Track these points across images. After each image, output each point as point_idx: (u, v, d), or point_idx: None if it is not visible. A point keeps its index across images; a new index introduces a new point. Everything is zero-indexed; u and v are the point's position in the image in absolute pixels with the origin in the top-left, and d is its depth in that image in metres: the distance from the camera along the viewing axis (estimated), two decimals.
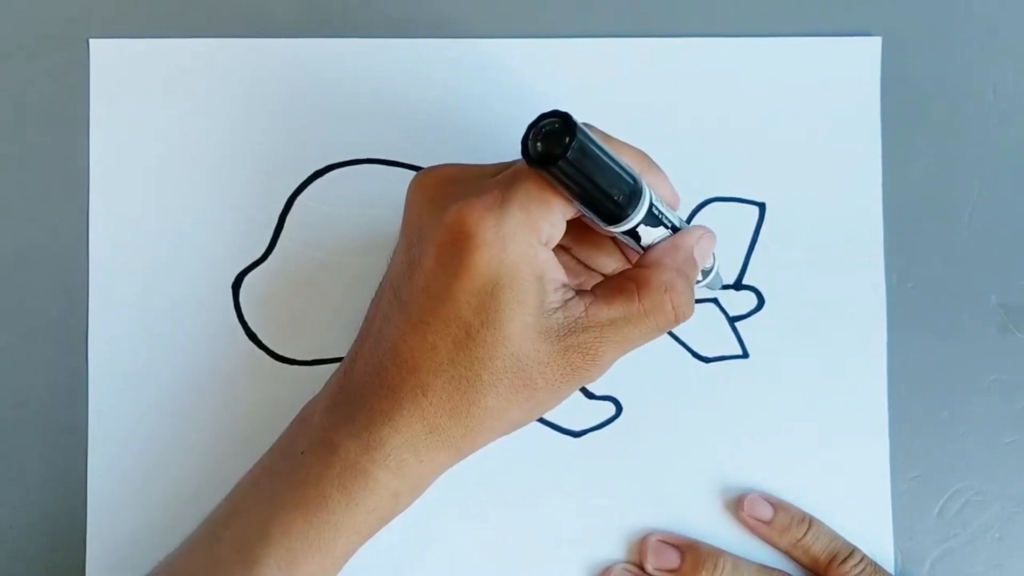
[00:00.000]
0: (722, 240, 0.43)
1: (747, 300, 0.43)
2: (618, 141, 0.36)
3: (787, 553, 0.42)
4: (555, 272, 0.34)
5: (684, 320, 0.35)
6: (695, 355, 0.43)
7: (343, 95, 0.43)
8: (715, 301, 0.43)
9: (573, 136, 0.31)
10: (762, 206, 0.44)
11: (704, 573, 0.41)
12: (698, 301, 0.43)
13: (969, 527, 0.43)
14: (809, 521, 0.42)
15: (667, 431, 0.43)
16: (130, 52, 0.43)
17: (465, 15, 0.44)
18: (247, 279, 0.43)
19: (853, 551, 0.41)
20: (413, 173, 0.43)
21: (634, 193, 0.33)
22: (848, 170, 0.44)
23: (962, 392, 0.43)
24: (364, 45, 0.43)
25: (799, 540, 0.42)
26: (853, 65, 0.44)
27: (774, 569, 0.42)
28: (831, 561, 0.41)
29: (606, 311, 0.35)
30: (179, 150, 0.43)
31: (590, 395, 0.43)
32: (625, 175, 0.33)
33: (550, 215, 0.33)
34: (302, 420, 0.38)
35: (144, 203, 0.43)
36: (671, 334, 0.43)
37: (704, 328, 0.43)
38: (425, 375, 0.34)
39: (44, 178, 0.43)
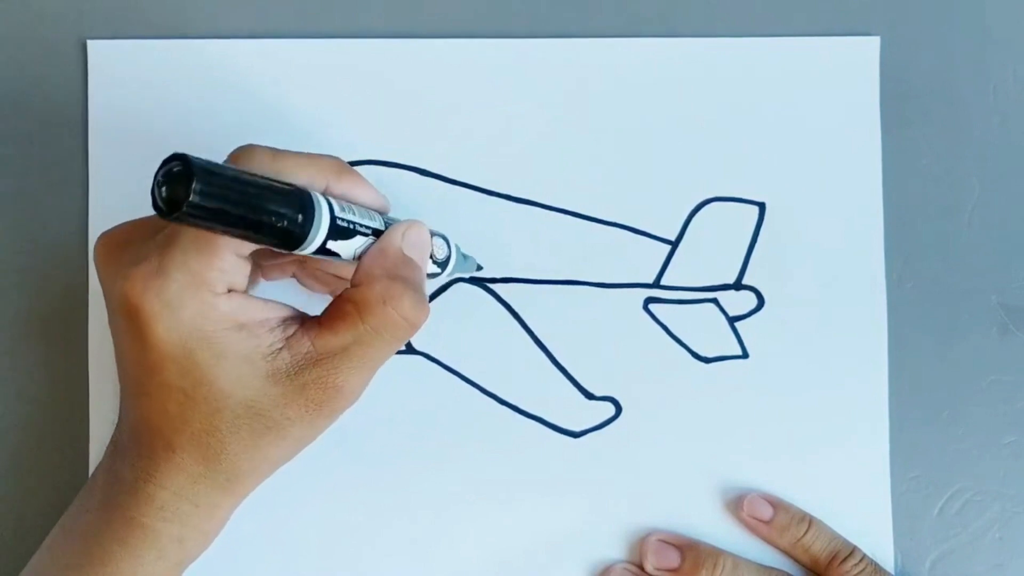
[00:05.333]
0: (722, 240, 0.43)
1: (747, 300, 0.43)
2: (292, 156, 0.34)
3: (787, 553, 0.42)
4: (261, 314, 0.33)
5: (420, 323, 0.34)
6: (695, 355, 0.43)
7: (343, 95, 0.43)
8: (715, 301, 0.43)
9: (192, 177, 0.28)
10: (762, 206, 0.44)
11: (704, 573, 0.41)
12: (697, 302, 0.43)
13: (969, 527, 0.43)
14: (809, 521, 0.42)
15: (667, 431, 0.43)
16: (127, 53, 0.43)
17: (466, 15, 0.44)
18: None
19: (853, 551, 0.42)
20: (413, 173, 0.43)
21: (305, 214, 0.31)
22: (848, 170, 0.44)
23: (962, 392, 0.43)
24: (364, 45, 0.43)
25: (799, 540, 0.42)
26: (852, 65, 0.44)
27: (774, 569, 0.42)
28: (831, 561, 0.41)
29: (334, 340, 0.33)
30: (178, 151, 0.43)
31: (590, 395, 0.43)
32: (283, 197, 0.31)
33: (218, 262, 0.32)
34: (91, 477, 0.38)
35: (143, 204, 0.43)
36: (670, 334, 0.43)
37: (704, 328, 0.43)
38: (168, 435, 0.34)
39: (43, 179, 0.43)
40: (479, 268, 0.42)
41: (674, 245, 0.43)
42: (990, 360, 0.43)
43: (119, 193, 0.43)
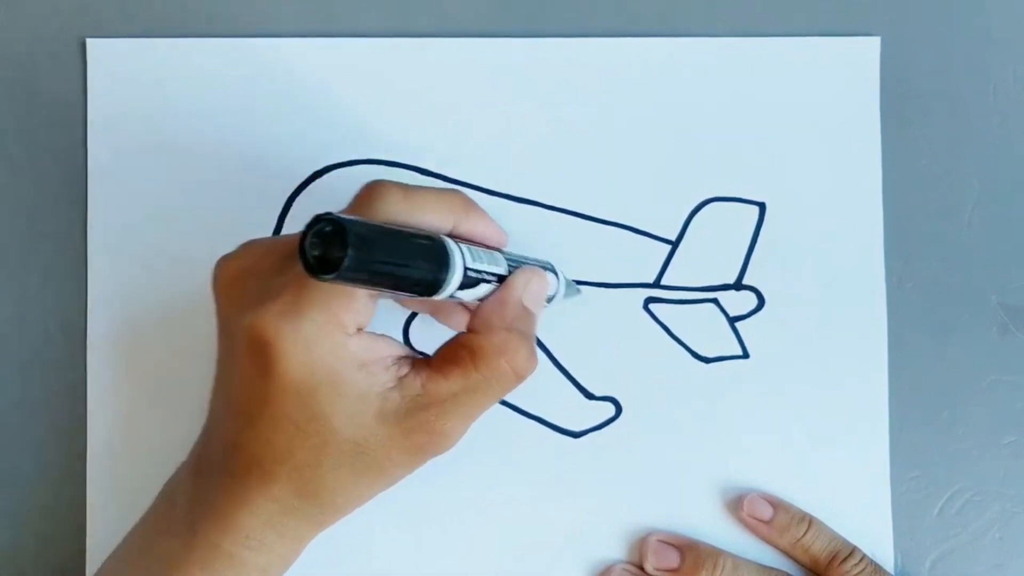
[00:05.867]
0: (722, 240, 0.43)
1: (747, 300, 0.43)
2: (423, 194, 0.34)
3: (787, 553, 0.42)
4: (380, 352, 0.33)
5: (529, 375, 0.34)
6: (695, 355, 0.43)
7: (343, 95, 0.43)
8: (715, 301, 0.43)
9: (347, 242, 0.28)
10: (762, 206, 0.44)
11: (704, 573, 0.41)
12: (697, 302, 0.43)
13: (969, 527, 0.43)
14: (809, 521, 0.42)
15: (667, 431, 0.43)
16: (127, 52, 0.43)
17: (466, 15, 0.44)
18: None
19: (853, 551, 0.42)
20: (413, 173, 0.43)
21: (440, 269, 0.31)
22: (848, 170, 0.44)
23: (962, 392, 0.43)
24: (364, 45, 0.43)
25: (799, 540, 0.42)
26: (852, 65, 0.44)
27: (774, 569, 0.42)
28: (831, 561, 0.41)
29: (445, 385, 0.33)
30: (177, 150, 0.43)
31: (590, 395, 0.43)
32: (425, 255, 0.31)
33: (353, 304, 0.32)
34: (165, 497, 0.38)
35: (142, 203, 0.43)
36: (670, 334, 0.43)
37: (704, 328, 0.43)
38: (268, 465, 0.34)
39: (42, 178, 0.43)
40: (578, 292, 0.42)
41: (674, 245, 0.43)
42: (990, 360, 0.43)
43: (118, 191, 0.43)
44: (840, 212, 0.43)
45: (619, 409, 0.43)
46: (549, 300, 0.38)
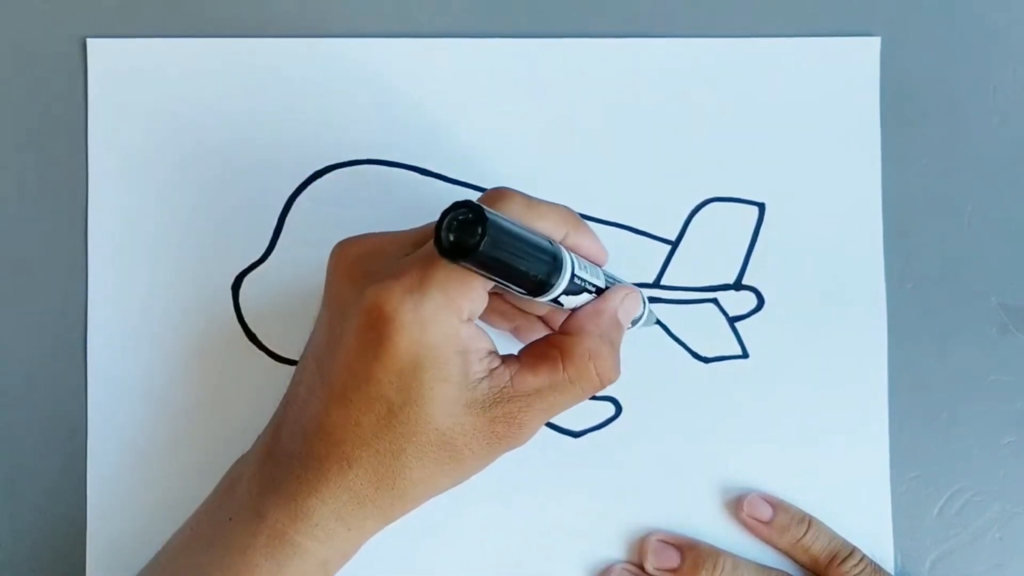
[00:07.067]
0: (722, 240, 0.43)
1: (747, 300, 0.43)
2: (541, 204, 0.35)
3: (787, 553, 0.42)
4: (479, 343, 0.34)
5: (610, 383, 0.35)
6: (695, 355, 0.43)
7: (343, 95, 0.43)
8: (715, 301, 0.43)
9: (484, 229, 0.30)
10: (762, 206, 0.44)
11: (704, 573, 0.41)
12: (697, 302, 0.43)
13: (969, 527, 0.43)
14: (809, 521, 0.42)
15: (667, 431, 0.43)
16: (128, 52, 0.43)
17: (466, 15, 0.44)
18: (247, 279, 0.43)
19: (853, 551, 0.42)
20: (413, 173, 0.43)
21: (553, 270, 0.33)
22: (848, 170, 0.44)
23: (962, 392, 0.43)
24: (364, 45, 0.43)
25: (799, 540, 0.42)
26: (852, 65, 0.44)
27: (774, 569, 0.42)
28: (831, 561, 0.41)
29: (531, 380, 0.34)
30: (178, 150, 0.43)
31: None
32: (544, 255, 0.33)
33: (471, 292, 0.33)
34: (230, 483, 0.38)
35: (143, 203, 0.43)
36: (670, 334, 0.43)
37: (704, 328, 0.43)
38: (350, 448, 0.34)
39: (42, 179, 0.43)
40: (656, 321, 0.43)
41: (674, 245, 0.43)
42: (990, 360, 0.43)
43: (119, 192, 0.43)
44: (840, 212, 0.43)
45: (619, 409, 0.43)
46: (634, 323, 0.39)
